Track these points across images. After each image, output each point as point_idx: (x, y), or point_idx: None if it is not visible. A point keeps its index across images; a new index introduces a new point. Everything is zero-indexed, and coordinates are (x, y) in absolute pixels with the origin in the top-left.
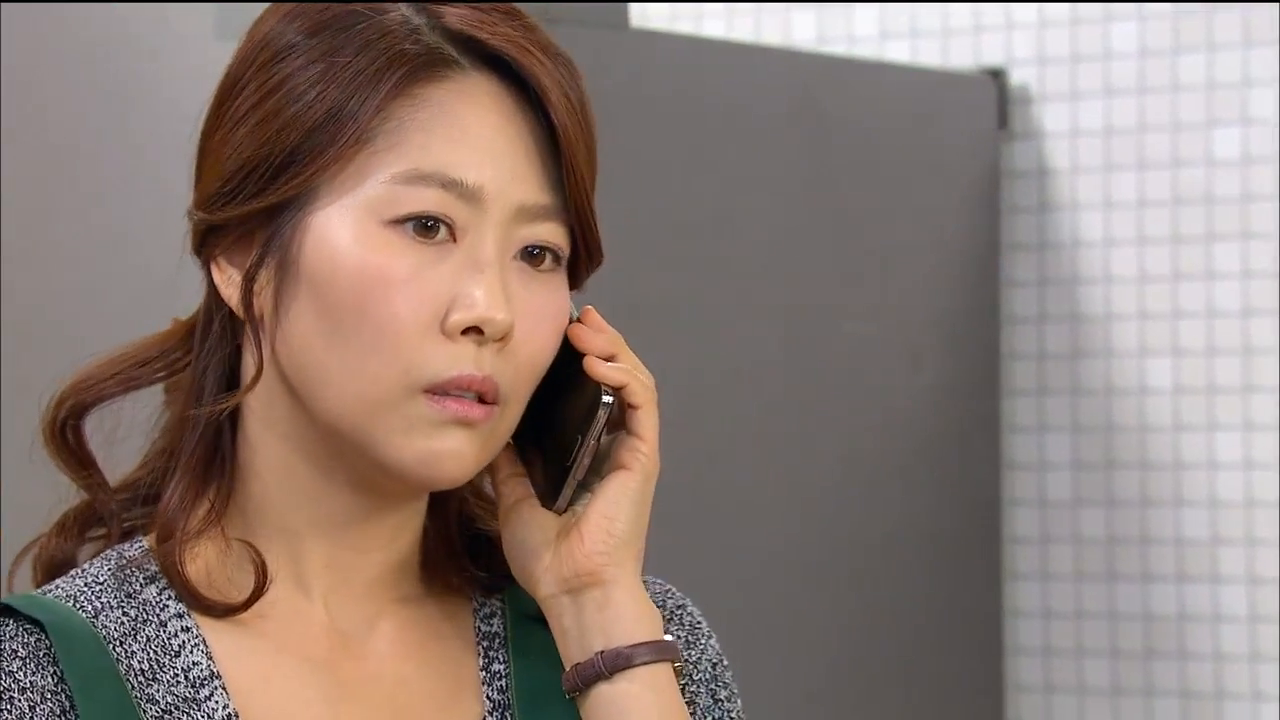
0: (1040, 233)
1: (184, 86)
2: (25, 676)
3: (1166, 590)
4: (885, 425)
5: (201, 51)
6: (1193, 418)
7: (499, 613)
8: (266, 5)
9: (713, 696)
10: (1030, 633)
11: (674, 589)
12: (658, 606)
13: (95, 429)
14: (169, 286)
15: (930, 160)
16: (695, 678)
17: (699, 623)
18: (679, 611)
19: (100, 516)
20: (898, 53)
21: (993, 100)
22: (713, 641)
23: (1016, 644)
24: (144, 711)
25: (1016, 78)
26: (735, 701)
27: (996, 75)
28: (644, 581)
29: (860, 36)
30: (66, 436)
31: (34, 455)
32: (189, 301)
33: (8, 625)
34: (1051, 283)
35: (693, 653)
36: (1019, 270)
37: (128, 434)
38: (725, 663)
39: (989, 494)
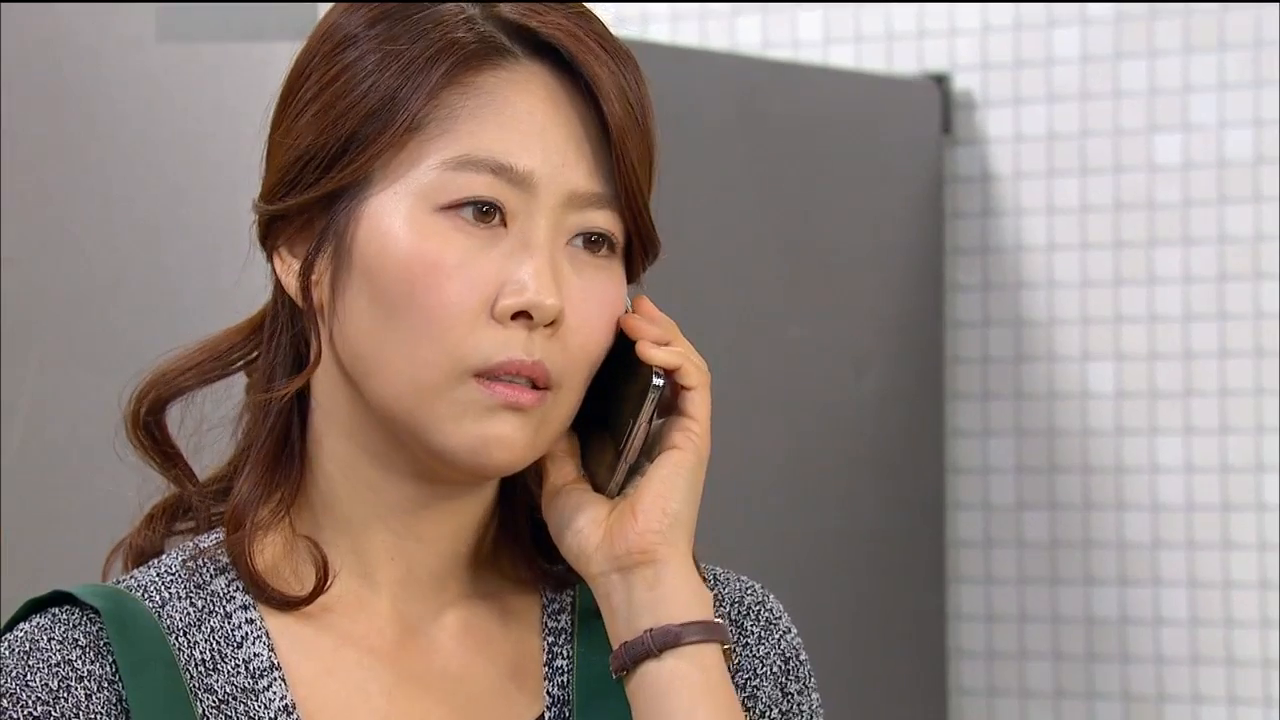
0: (983, 237)
1: (125, 88)
2: (84, 665)
3: (1108, 594)
4: (829, 429)
5: (143, 53)
6: (1134, 422)
7: (568, 608)
8: (208, 5)
9: (781, 690)
10: (973, 636)
11: (755, 585)
12: (735, 602)
13: (179, 422)
14: (110, 287)
15: (874, 165)
16: (760, 671)
17: (777, 618)
18: (756, 608)
19: (188, 508)
20: (842, 58)
21: (936, 105)
22: (789, 637)
23: (959, 647)
24: (200, 701)
25: (960, 83)
26: (809, 695)
27: (940, 80)
28: (725, 577)
29: (805, 41)
30: (150, 430)
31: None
32: (134, 303)
33: (73, 614)
34: (995, 287)
35: (763, 647)
36: (962, 275)
37: (213, 427)
38: (803, 658)
39: (932, 497)
